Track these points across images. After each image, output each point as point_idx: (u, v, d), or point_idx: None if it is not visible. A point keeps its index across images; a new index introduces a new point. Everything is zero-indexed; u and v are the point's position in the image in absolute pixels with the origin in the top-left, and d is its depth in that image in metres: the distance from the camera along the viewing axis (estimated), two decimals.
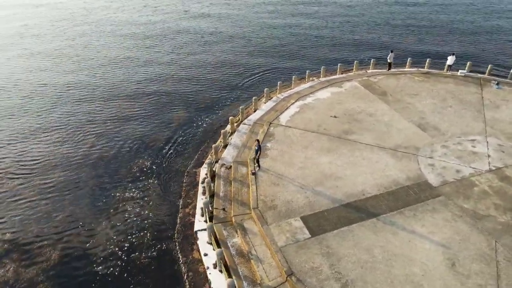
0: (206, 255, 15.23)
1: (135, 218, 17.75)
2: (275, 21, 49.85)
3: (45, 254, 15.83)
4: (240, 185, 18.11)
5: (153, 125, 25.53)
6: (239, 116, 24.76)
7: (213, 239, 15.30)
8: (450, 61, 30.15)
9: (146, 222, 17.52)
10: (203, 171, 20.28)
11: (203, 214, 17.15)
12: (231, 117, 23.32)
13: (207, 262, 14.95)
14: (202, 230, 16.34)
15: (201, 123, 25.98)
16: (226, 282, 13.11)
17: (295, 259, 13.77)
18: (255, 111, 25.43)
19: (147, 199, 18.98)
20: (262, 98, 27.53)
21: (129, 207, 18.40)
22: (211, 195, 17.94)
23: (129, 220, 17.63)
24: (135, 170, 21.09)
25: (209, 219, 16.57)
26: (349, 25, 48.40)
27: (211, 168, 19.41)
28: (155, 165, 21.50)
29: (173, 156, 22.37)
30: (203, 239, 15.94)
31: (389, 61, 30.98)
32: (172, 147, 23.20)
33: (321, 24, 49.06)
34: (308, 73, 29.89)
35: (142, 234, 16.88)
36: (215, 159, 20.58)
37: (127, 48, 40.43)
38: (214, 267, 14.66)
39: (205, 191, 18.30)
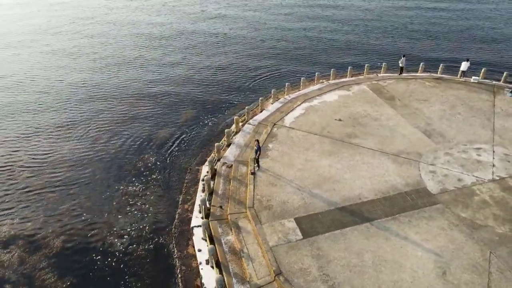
0: (200, 250, 15.61)
1: (136, 211, 18.33)
2: (290, 24, 49.90)
3: (48, 242, 16.57)
4: (238, 184, 18.39)
5: (161, 123, 26.14)
6: (244, 116, 25.06)
7: (207, 236, 15.65)
8: (464, 67, 29.52)
9: (146, 216, 18.06)
10: (205, 169, 20.68)
11: (200, 210, 17.53)
12: (236, 117, 23.65)
13: (200, 257, 15.32)
14: (198, 226, 16.72)
15: (207, 122, 26.42)
16: (214, 278, 13.42)
17: (285, 259, 13.94)
18: (261, 112, 25.68)
19: (149, 194, 19.54)
20: (269, 99, 27.76)
21: (131, 201, 18.99)
22: (210, 193, 18.29)
23: (130, 213, 18.21)
24: (140, 165, 21.72)
25: (205, 216, 16.92)
26: (365, 28, 47.97)
27: (212, 166, 19.79)
28: (159, 161, 22.06)
29: (177, 153, 22.88)
30: (199, 235, 16.33)
31: (400, 65, 30.63)
32: (177, 144, 23.72)
33: (336, 27, 48.82)
34: (317, 75, 29.90)
35: (141, 227, 17.41)
36: (217, 157, 20.96)
37: (142, 47, 41.36)
38: (206, 263, 15.01)
39: (205, 188, 18.68)
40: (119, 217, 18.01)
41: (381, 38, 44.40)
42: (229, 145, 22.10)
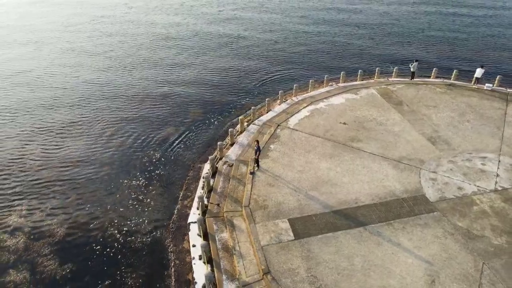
0: (194, 246, 15.99)
1: (137, 205, 18.89)
2: (305, 27, 49.69)
3: (52, 231, 17.30)
4: (237, 183, 18.70)
5: (169, 121, 26.60)
6: (250, 116, 25.35)
7: (202, 232, 16.02)
8: (478, 73, 28.86)
9: (146, 210, 18.60)
10: (207, 167, 21.08)
11: (198, 207, 17.91)
12: (241, 117, 23.98)
13: (194, 253, 15.71)
14: (194, 222, 17.11)
15: (214, 121, 26.81)
16: (204, 273, 13.77)
17: (275, 259, 14.15)
18: (268, 112, 25.91)
19: (151, 188, 20.08)
20: (277, 100, 27.93)
21: (133, 194, 19.58)
22: (209, 190, 18.67)
23: (131, 206, 18.79)
24: (145, 160, 22.32)
25: (203, 213, 17.30)
26: (381, 32, 47.36)
27: (213, 164, 20.16)
28: (164, 157, 22.60)
29: (182, 150, 23.37)
30: (194, 231, 16.72)
31: (412, 70, 30.20)
32: (182, 142, 24.21)
33: (351, 31, 48.40)
34: (326, 78, 29.87)
35: (140, 220, 17.95)
36: (220, 156, 21.33)
37: (157, 47, 41.95)
38: (199, 259, 15.38)
39: (204, 186, 19.07)
40: (121, 210, 18.62)
41: (396, 42, 43.76)
42: (232, 144, 22.44)
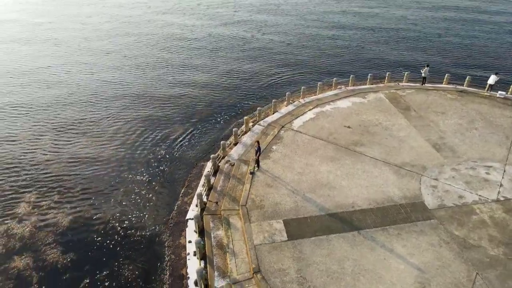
0: (190, 242, 16.36)
1: (139, 199, 19.44)
2: (319, 30, 49.17)
3: (57, 221, 18.02)
4: (237, 182, 18.97)
5: (177, 120, 26.98)
6: (256, 117, 25.58)
7: (198, 229, 16.37)
8: (491, 80, 28.23)
9: (148, 204, 19.12)
10: (209, 165, 21.42)
11: (197, 204, 18.28)
12: (246, 117, 24.23)
13: (190, 248, 16.07)
14: (192, 219, 17.46)
15: (221, 120, 27.20)
16: (195, 269, 14.10)
17: (266, 259, 14.34)
18: (274, 114, 26.08)
19: (154, 184, 20.60)
20: (284, 101, 28.05)
21: (136, 189, 20.15)
22: (209, 188, 19.00)
23: (133, 201, 19.35)
24: (151, 157, 22.89)
25: (201, 210, 17.65)
26: (396, 37, 46.64)
27: (215, 162, 20.49)
28: (169, 154, 23.11)
29: (187, 148, 23.84)
30: (192, 227, 17.08)
31: (423, 75, 29.75)
32: (188, 140, 24.68)
33: (365, 35, 47.90)
34: (335, 81, 29.77)
35: (141, 214, 18.48)
36: (222, 155, 21.65)
37: (170, 48, 41.97)
38: (194, 254, 15.73)
39: (205, 183, 19.43)
40: (124, 203, 19.20)
41: (411, 47, 43.08)
42: (236, 144, 22.73)
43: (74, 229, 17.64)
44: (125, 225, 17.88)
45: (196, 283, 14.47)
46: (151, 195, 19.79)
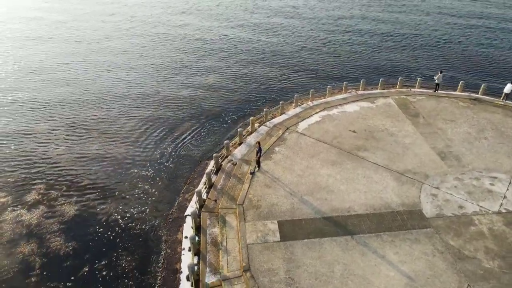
0: (186, 237, 16.80)
1: (142, 194, 20.06)
2: (336, 35, 48.66)
3: (63, 210, 18.85)
4: (237, 182, 19.28)
5: (186, 119, 27.47)
6: (262, 118, 25.82)
7: (195, 225, 16.77)
8: (507, 89, 27.38)
9: (150, 199, 19.70)
10: (212, 163, 21.81)
11: (197, 201, 18.70)
12: (252, 118, 24.52)
13: (185, 244, 16.51)
14: (190, 215, 17.89)
15: (228, 120, 27.62)
16: (186, 263, 14.50)
17: (257, 258, 14.58)
18: (281, 115, 26.25)
19: (158, 180, 21.19)
20: (293, 103, 28.16)
21: (140, 184, 20.79)
22: (209, 186, 19.39)
23: (136, 195, 19.98)
24: (157, 152, 23.52)
25: (200, 207, 18.05)
26: (414, 42, 45.67)
27: (217, 161, 20.87)
28: (175, 152, 23.68)
29: (193, 146, 24.35)
30: (189, 223, 17.52)
31: (436, 81, 29.19)
32: (195, 139, 25.19)
33: (382, 39, 47.29)
34: (345, 85, 29.64)
35: (143, 209, 19.08)
36: (226, 154, 22.01)
37: (186, 49, 42.40)
38: (188, 250, 16.14)
39: (206, 181, 19.83)
40: (127, 197, 19.85)
41: (429, 53, 42.13)
42: (240, 144, 23.05)
43: (78, 220, 18.40)
44: (126, 218, 18.50)
45: (188, 278, 14.87)
46: (154, 190, 20.38)
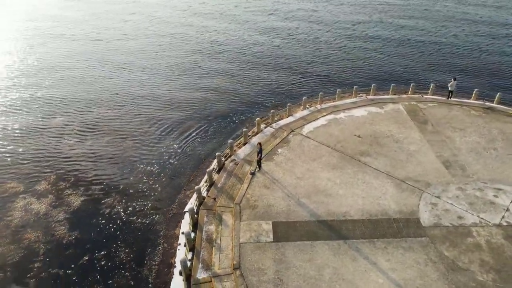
0: (183, 233, 17.21)
1: (145, 189, 20.67)
2: (350, 40, 47.87)
3: (70, 201, 19.69)
4: (236, 181, 19.59)
5: (195, 119, 27.94)
6: (269, 119, 26.02)
7: (192, 222, 17.19)
8: None
9: (152, 194, 20.29)
10: (214, 162, 22.21)
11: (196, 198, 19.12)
12: (258, 119, 24.77)
13: (181, 239, 16.93)
14: (187, 211, 18.32)
15: (236, 120, 27.99)
16: (179, 258, 14.90)
17: (248, 257, 14.83)
18: (288, 117, 26.39)
19: (162, 176, 21.78)
20: (300, 105, 28.24)
21: (144, 179, 21.42)
22: (210, 184, 19.77)
23: (140, 189, 20.62)
24: (163, 150, 24.13)
25: (199, 204, 18.46)
26: (432, 48, 44.57)
27: (219, 160, 21.25)
28: (181, 149, 24.25)
29: (199, 145, 24.84)
30: (187, 220, 17.93)
31: (450, 89, 28.59)
32: (201, 138, 25.68)
33: (400, 45, 46.56)
34: (355, 89, 29.44)
35: (145, 203, 19.67)
36: (230, 153, 22.36)
37: (201, 51, 42.58)
38: (184, 245, 16.56)
39: (207, 179, 20.23)
40: (131, 191, 20.50)
41: (446, 60, 41.15)
42: (245, 144, 23.35)
43: (83, 210, 19.18)
44: (128, 212, 19.13)
45: (180, 273, 15.27)
46: (157, 186, 20.95)
